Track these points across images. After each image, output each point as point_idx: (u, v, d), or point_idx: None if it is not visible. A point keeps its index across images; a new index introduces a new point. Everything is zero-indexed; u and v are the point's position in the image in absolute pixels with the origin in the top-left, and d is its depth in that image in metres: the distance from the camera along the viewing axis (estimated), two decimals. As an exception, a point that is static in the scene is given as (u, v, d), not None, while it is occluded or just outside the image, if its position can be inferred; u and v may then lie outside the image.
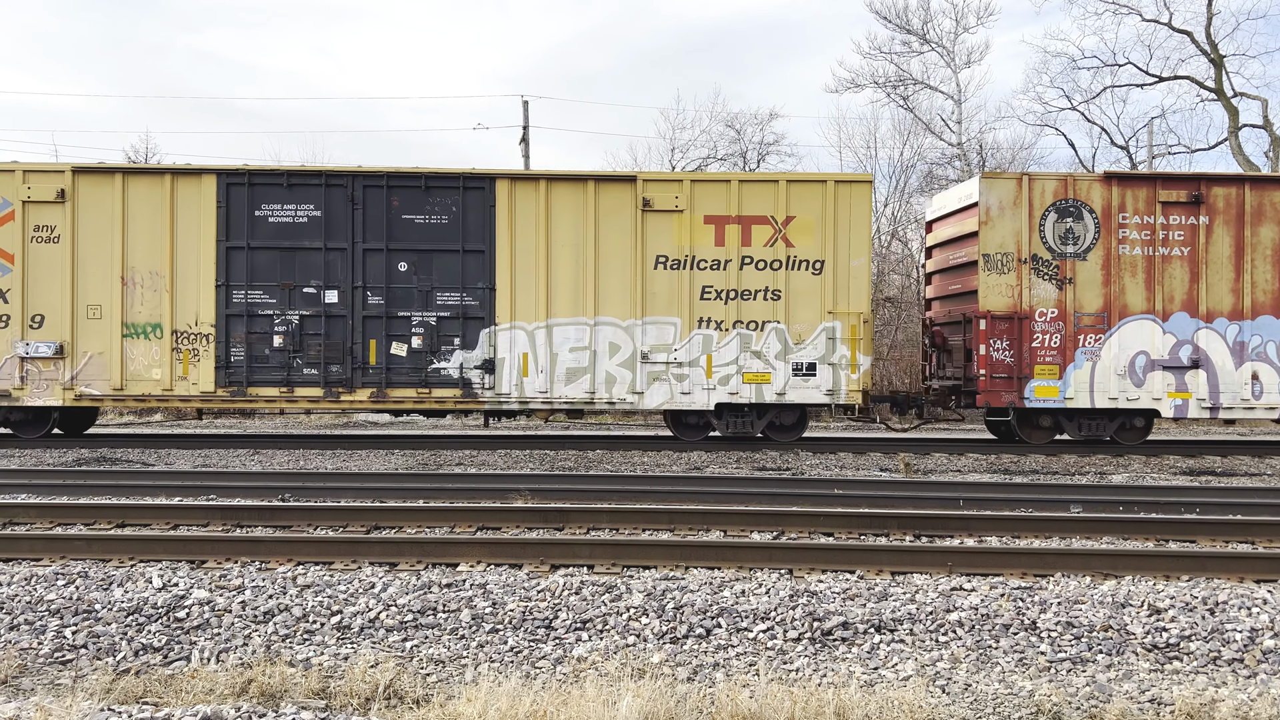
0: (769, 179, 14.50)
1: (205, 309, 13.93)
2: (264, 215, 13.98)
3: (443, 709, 4.47)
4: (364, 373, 14.01)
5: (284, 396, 14.07)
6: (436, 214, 14.08)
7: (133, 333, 13.92)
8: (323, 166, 14.15)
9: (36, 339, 13.87)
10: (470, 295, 14.09)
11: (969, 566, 6.55)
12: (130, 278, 13.89)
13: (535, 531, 7.94)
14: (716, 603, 5.98)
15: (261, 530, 7.93)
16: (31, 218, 13.90)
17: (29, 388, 13.89)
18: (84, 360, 13.91)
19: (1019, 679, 5.06)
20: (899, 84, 30.66)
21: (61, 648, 5.48)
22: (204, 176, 13.98)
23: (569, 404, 14.27)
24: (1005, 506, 9.14)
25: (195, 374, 13.93)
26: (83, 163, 14.06)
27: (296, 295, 14.00)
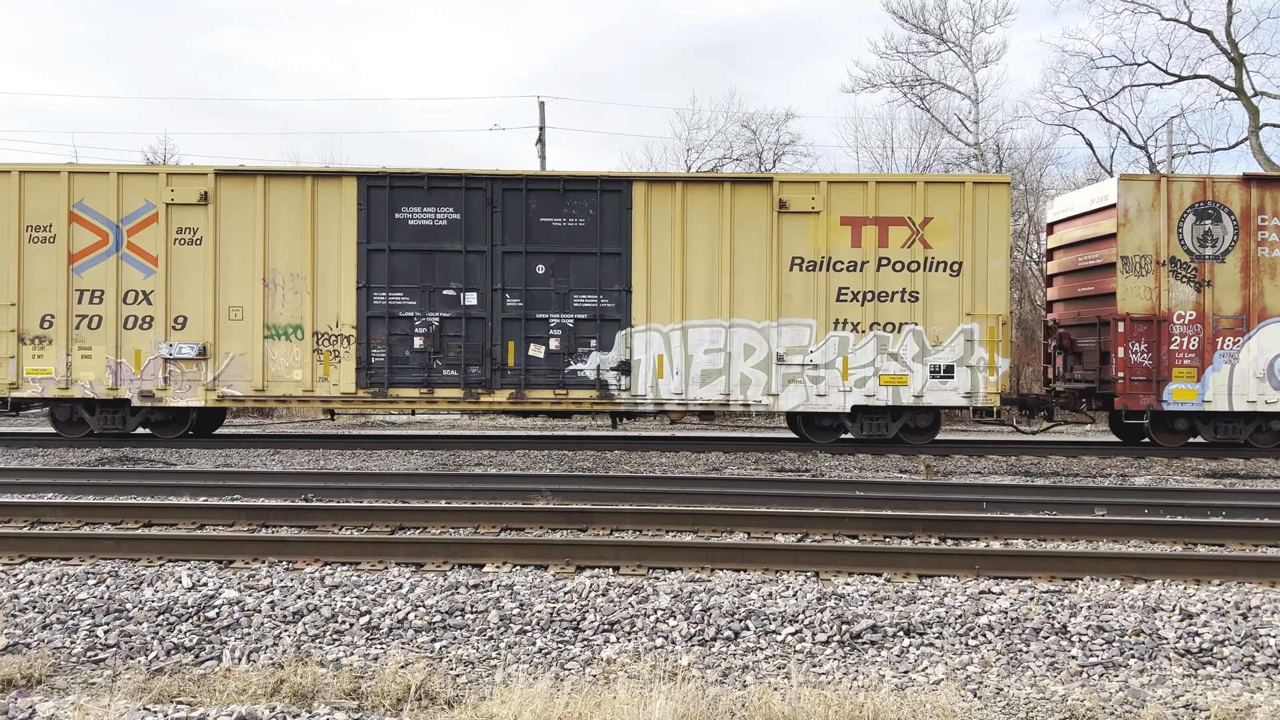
0: (906, 180, 14.52)
1: (346, 311, 14.04)
2: (404, 218, 14.09)
3: (475, 710, 4.48)
4: (502, 374, 14.11)
5: (424, 398, 14.16)
6: (574, 216, 14.14)
7: (274, 334, 14.05)
8: (463, 170, 14.18)
9: (179, 340, 14.01)
10: (606, 297, 14.15)
11: (997, 570, 6.53)
12: (271, 279, 14.04)
13: (559, 532, 7.95)
14: (744, 605, 5.98)
15: (287, 530, 7.97)
16: (174, 220, 14.03)
17: (172, 388, 14.04)
18: (226, 361, 14.06)
19: (1051, 683, 5.03)
20: (916, 84, 30.59)
21: (94, 647, 5.52)
22: (345, 179, 14.10)
23: (704, 406, 14.27)
24: (1029, 509, 9.10)
25: (336, 375, 14.04)
26: (225, 165, 14.16)
27: (436, 297, 14.09)
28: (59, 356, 13.98)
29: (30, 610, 5.89)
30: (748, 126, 32.59)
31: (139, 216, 14.05)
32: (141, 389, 14.02)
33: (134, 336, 14.02)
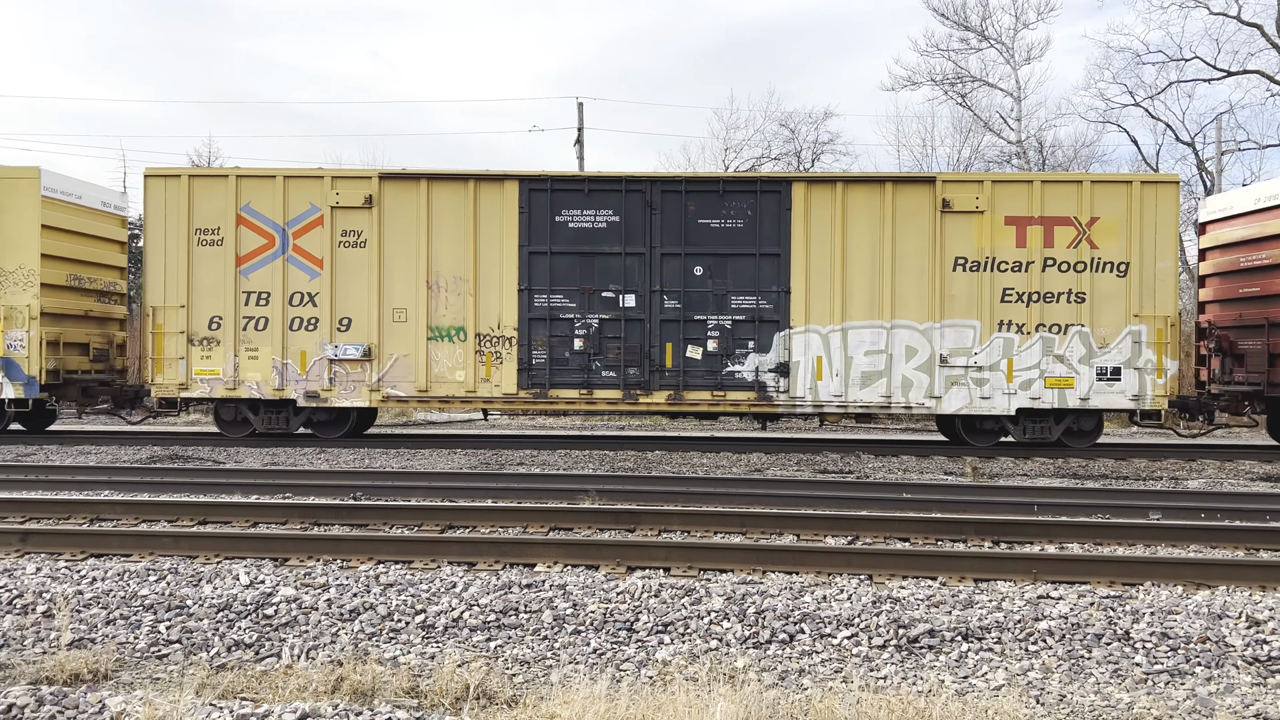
0: (1072, 179, 14.35)
1: (508, 313, 14.19)
2: (564, 220, 14.21)
3: (536, 710, 4.49)
4: (660, 375, 14.16)
5: (583, 399, 14.27)
6: (732, 218, 14.14)
7: (437, 335, 14.23)
8: (622, 172, 14.30)
9: (345, 341, 14.23)
10: (765, 298, 14.12)
11: (1054, 574, 6.44)
12: (435, 282, 14.21)
13: (607, 533, 7.96)
14: (798, 608, 5.94)
15: (340, 529, 8.05)
16: (339, 223, 14.26)
17: (337, 389, 14.26)
18: (390, 362, 14.25)
19: (1115, 690, 4.95)
20: (957, 81, 30.27)
21: (157, 642, 5.60)
22: (506, 182, 14.20)
23: (864, 408, 14.18)
24: (1082, 512, 8.96)
25: (498, 376, 14.20)
26: (389, 169, 14.36)
27: (595, 299, 14.19)
28: (227, 357, 14.27)
29: (94, 606, 6.00)
30: (786, 125, 32.47)
31: (304, 220, 14.29)
32: (307, 390, 14.26)
33: (299, 338, 14.28)
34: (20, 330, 14.28)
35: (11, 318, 14.27)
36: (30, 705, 4.32)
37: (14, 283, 14.37)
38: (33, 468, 11.51)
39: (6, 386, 14.29)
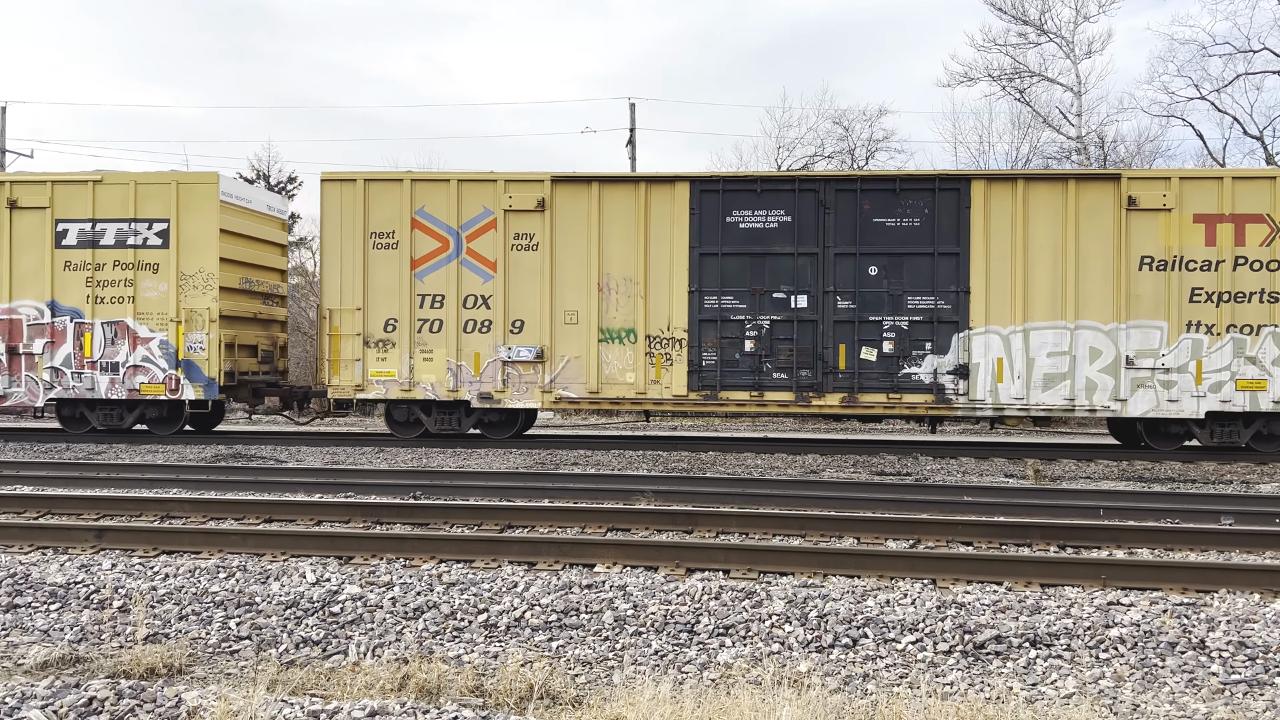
0: (1264, 175, 14.04)
1: (678, 314, 14.16)
2: (735, 221, 14.11)
3: (600, 711, 4.51)
4: (834, 377, 13.98)
5: (754, 401, 14.15)
6: (908, 216, 13.97)
7: (608, 337, 14.28)
8: (794, 172, 14.43)
9: (517, 343, 14.34)
10: (942, 299, 13.87)
11: (1125, 580, 6.30)
12: (605, 284, 14.25)
13: (664, 534, 7.96)
14: (861, 612, 5.89)
15: (402, 527, 8.15)
16: (512, 226, 14.36)
17: (510, 390, 14.38)
18: (561, 364, 14.34)
19: (1191, 700, 4.83)
20: (1015, 76, 29.73)
21: (228, 638, 5.73)
22: (677, 184, 14.19)
23: (1046, 411, 13.91)
24: (1151, 517, 8.76)
25: (668, 378, 14.18)
26: (561, 172, 14.52)
27: (766, 300, 14.06)
28: (402, 359, 14.43)
29: (167, 602, 6.15)
30: (839, 123, 32.15)
31: (478, 223, 14.40)
32: (480, 391, 14.37)
33: (473, 340, 14.41)
34: (200, 333, 14.61)
35: (192, 321, 14.60)
36: (110, 699, 4.44)
37: (194, 286, 14.68)
38: (104, 465, 11.83)
39: (187, 388, 14.62)
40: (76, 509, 8.60)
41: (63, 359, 14.69)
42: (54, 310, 14.71)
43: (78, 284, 14.73)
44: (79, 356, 14.70)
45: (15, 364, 14.70)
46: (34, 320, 14.74)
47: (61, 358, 14.70)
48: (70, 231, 14.75)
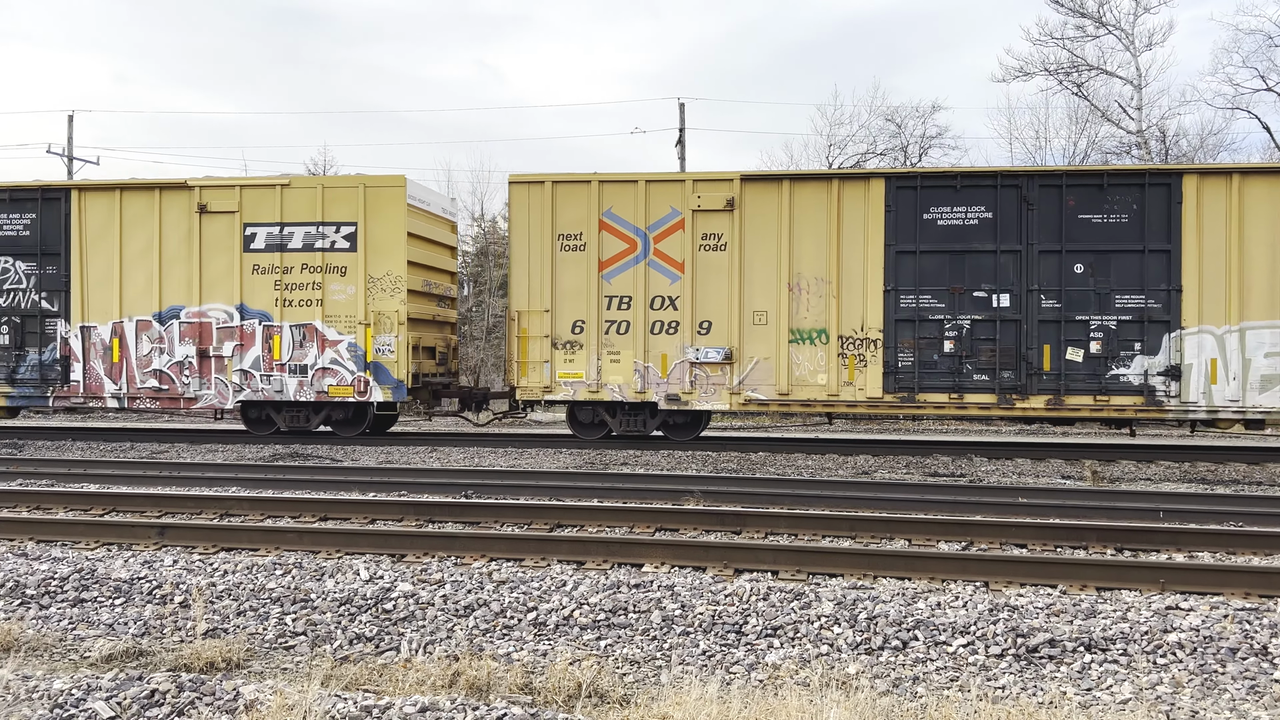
0: None
1: (872, 314, 13.86)
2: (932, 218, 13.79)
3: (648, 710, 4.53)
4: (1038, 379, 13.58)
5: (953, 403, 13.86)
6: (1115, 213, 13.51)
7: (798, 338, 14.03)
8: (995, 167, 14.06)
9: (705, 345, 14.18)
10: (1152, 297, 13.41)
11: (1184, 584, 6.16)
12: (796, 284, 14.00)
13: (713, 534, 7.96)
14: (911, 614, 5.83)
15: (453, 526, 8.26)
16: (699, 226, 14.20)
17: (697, 392, 14.22)
18: (750, 366, 14.12)
19: (1252, 708, 4.71)
20: (1072, 70, 29.15)
21: (284, 634, 5.85)
22: (872, 181, 13.97)
23: (1264, 414, 13.43)
24: (1213, 520, 8.55)
25: (861, 379, 13.89)
26: (750, 170, 14.50)
27: (966, 299, 13.72)
28: (589, 361, 14.39)
29: (225, 598, 6.30)
30: (892, 120, 31.81)
31: (665, 223, 14.29)
32: (668, 392, 14.25)
33: (660, 341, 14.29)
34: (389, 335, 14.66)
35: (380, 323, 14.66)
36: (171, 691, 4.57)
37: (382, 289, 14.71)
38: (167, 464, 12.14)
39: (375, 390, 14.65)
40: (140, 506, 8.85)
41: (251, 361, 14.81)
42: (243, 313, 14.84)
43: (266, 287, 14.84)
44: (268, 359, 14.81)
45: (205, 366, 14.85)
46: (223, 323, 14.86)
47: (250, 360, 14.82)
48: (258, 235, 14.87)
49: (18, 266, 15.25)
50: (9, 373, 15.22)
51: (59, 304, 15.19)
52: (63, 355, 15.15)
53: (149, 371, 14.97)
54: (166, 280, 14.98)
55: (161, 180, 15.34)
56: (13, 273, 15.26)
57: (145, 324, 15.02)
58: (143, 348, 15.00)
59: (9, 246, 15.27)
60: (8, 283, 15.26)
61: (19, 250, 15.24)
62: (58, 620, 6.04)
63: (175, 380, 14.93)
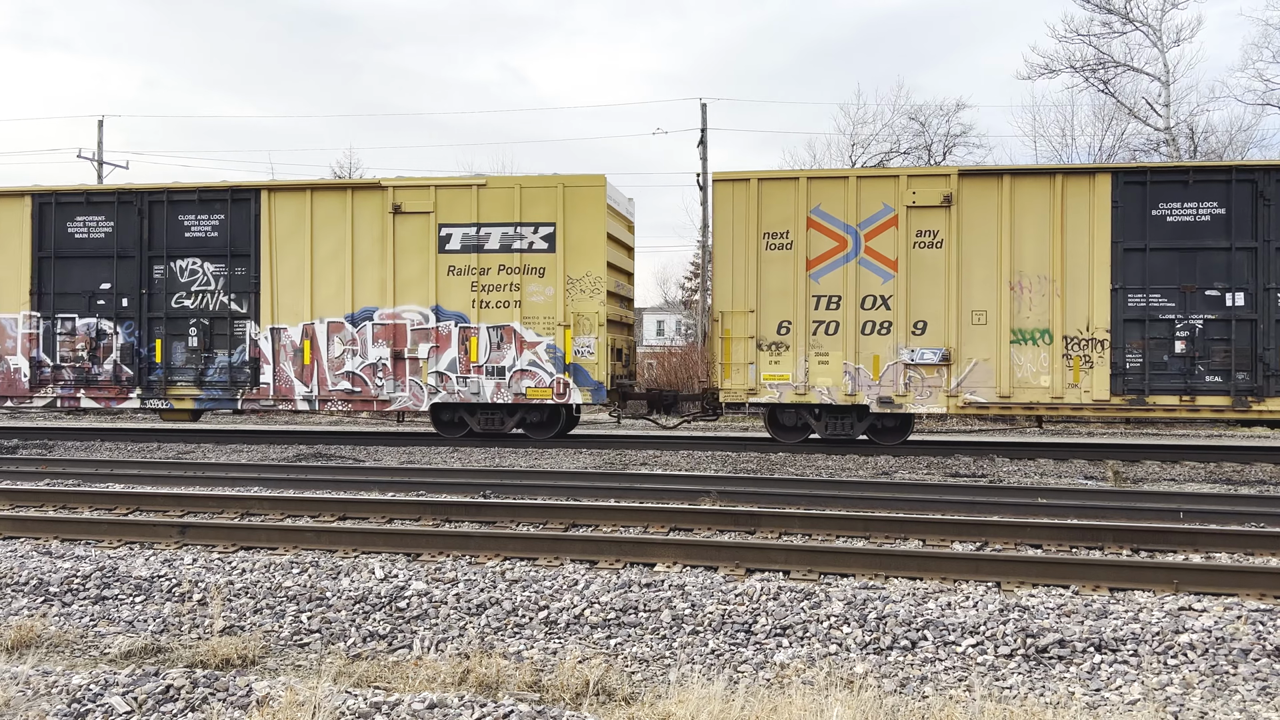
0: None
1: (1098, 313, 13.47)
2: (1161, 214, 13.42)
3: (653, 708, 4.56)
4: (1275, 381, 13.18)
5: (1184, 405, 13.43)
6: None
7: (1019, 339, 13.63)
8: (1229, 162, 13.65)
9: (920, 345, 13.84)
10: None
11: (1198, 585, 6.11)
12: (1017, 282, 13.64)
13: (726, 534, 7.98)
14: (921, 614, 5.83)
15: (469, 526, 8.33)
16: (913, 223, 13.86)
17: (911, 395, 13.85)
18: (968, 367, 13.76)
19: (1263, 710, 4.67)
20: (1099, 67, 28.89)
21: (299, 631, 5.94)
22: (1097, 176, 13.57)
23: None
24: (1234, 521, 8.47)
25: (1086, 381, 13.49)
26: (968, 165, 14.24)
27: (1198, 298, 13.34)
28: (796, 362, 14.08)
29: (243, 596, 6.40)
30: (916, 119, 31.69)
31: (876, 220, 13.96)
32: (880, 395, 13.91)
33: (871, 342, 13.95)
34: (589, 337, 14.54)
35: (579, 324, 14.55)
36: (185, 687, 4.66)
37: (581, 290, 14.59)
38: (192, 464, 12.32)
39: (575, 392, 14.54)
40: (163, 506, 8.99)
41: (447, 364, 14.73)
42: (438, 315, 14.76)
43: (462, 288, 14.75)
44: (464, 361, 14.72)
45: (400, 368, 14.76)
46: (418, 325, 14.79)
47: (446, 362, 14.74)
48: (454, 236, 14.79)
49: (205, 268, 15.24)
50: (196, 375, 15.18)
51: (248, 305, 15.16)
52: (252, 357, 15.09)
53: (341, 374, 14.90)
54: (359, 281, 14.92)
55: (354, 181, 15.39)
56: (200, 274, 15.25)
57: (337, 326, 14.98)
58: (334, 350, 14.94)
59: (196, 248, 15.28)
60: (195, 284, 15.26)
61: (206, 252, 15.25)
62: (79, 617, 6.16)
63: (368, 382, 14.85)
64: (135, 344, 15.34)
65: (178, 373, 15.27)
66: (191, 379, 15.22)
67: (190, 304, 15.26)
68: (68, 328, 15.47)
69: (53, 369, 15.45)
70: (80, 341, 15.40)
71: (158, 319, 15.32)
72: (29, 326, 15.52)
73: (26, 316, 15.52)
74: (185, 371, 15.24)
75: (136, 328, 15.33)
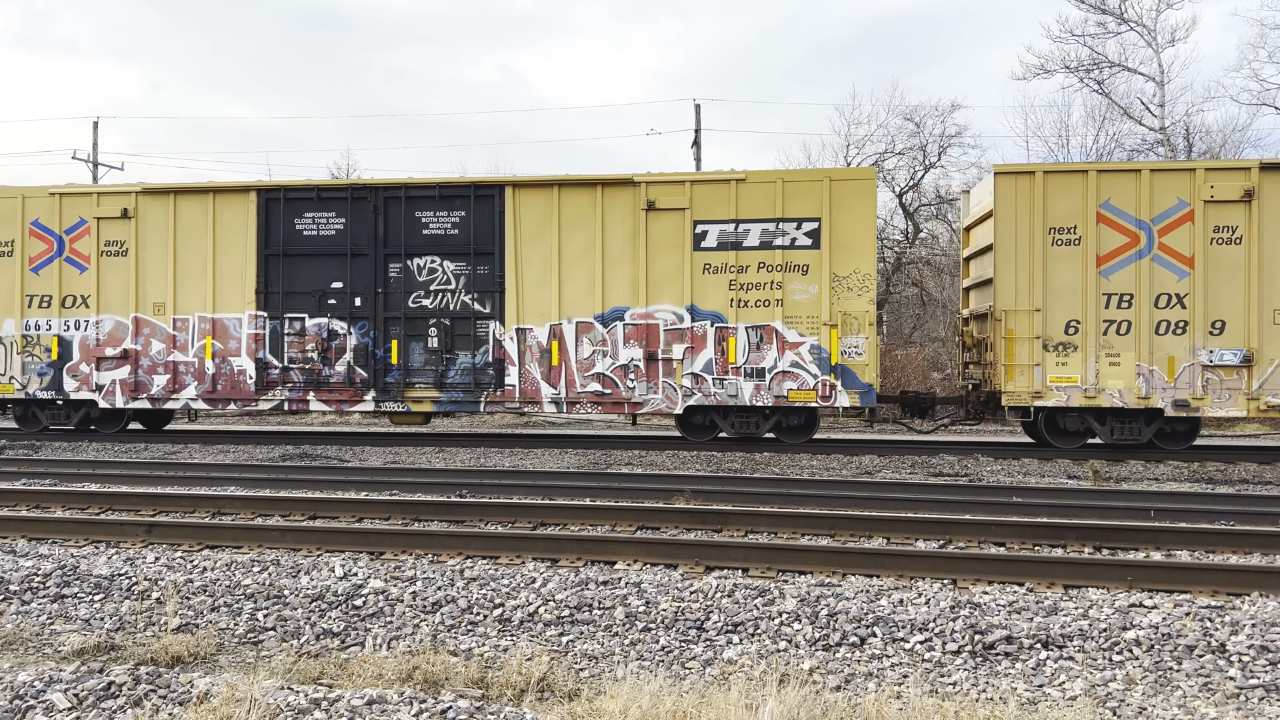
0: None
1: None
2: None
3: (590, 704, 4.58)
4: None
5: None
6: None
7: None
8: None
9: (1219, 346, 13.37)
10: None
11: (1152, 582, 6.11)
12: None
13: (693, 533, 7.99)
14: (872, 611, 5.84)
15: (438, 524, 8.35)
16: (1210, 218, 13.46)
17: (1209, 397, 13.37)
18: (1271, 369, 13.31)
19: (1202, 705, 4.67)
20: (1093, 67, 28.83)
21: (254, 629, 5.96)
22: None
23: None
24: (1203, 519, 8.45)
25: None
26: (1270, 159, 13.65)
27: None
28: (1085, 364, 13.62)
29: (201, 594, 6.43)
30: (910, 119, 31.62)
31: (1170, 216, 13.52)
32: (1175, 398, 13.43)
33: (1165, 342, 13.47)
34: (858, 337, 14.07)
35: (847, 324, 14.06)
36: (128, 684, 4.68)
37: (848, 288, 14.10)
38: (171, 465, 12.34)
39: (841, 394, 14.09)
40: (135, 505, 9.03)
41: (703, 365, 14.30)
42: (693, 314, 14.34)
43: (718, 287, 14.30)
44: (721, 362, 14.27)
45: (653, 370, 14.40)
46: (671, 325, 14.39)
47: (701, 364, 14.31)
48: (710, 233, 14.33)
49: (445, 266, 14.85)
50: (437, 377, 14.82)
51: (491, 305, 14.78)
52: (496, 358, 14.74)
53: (590, 375, 14.53)
54: (609, 280, 14.52)
55: (605, 176, 14.77)
56: (440, 273, 14.87)
57: (586, 326, 14.59)
58: (583, 351, 14.57)
59: (434, 246, 14.88)
60: (435, 283, 14.87)
61: (446, 249, 14.85)
62: (37, 615, 6.19)
63: (619, 384, 14.50)
64: (370, 345, 14.97)
65: (415, 375, 14.89)
66: (431, 381, 14.84)
67: (429, 303, 14.84)
68: (296, 328, 15.10)
69: (280, 370, 15.11)
70: (310, 342, 15.04)
71: (394, 319, 14.93)
72: (255, 327, 15.19)
73: (252, 317, 15.21)
74: (424, 374, 14.87)
75: (371, 328, 14.96)
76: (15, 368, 15.82)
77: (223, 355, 15.32)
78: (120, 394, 15.55)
